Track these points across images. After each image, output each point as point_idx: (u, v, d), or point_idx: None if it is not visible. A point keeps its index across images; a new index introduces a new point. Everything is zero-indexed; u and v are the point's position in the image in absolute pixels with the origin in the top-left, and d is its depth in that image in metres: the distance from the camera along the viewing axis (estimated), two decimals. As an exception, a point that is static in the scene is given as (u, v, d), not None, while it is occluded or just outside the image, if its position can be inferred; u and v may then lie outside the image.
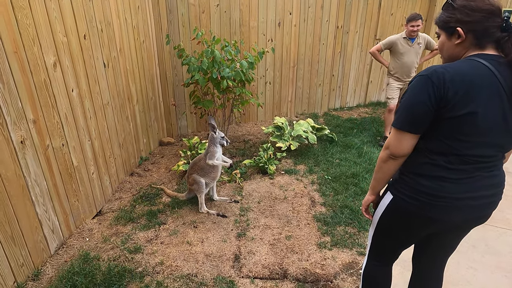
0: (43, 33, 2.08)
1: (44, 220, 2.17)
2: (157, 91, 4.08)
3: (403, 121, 1.22)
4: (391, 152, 1.26)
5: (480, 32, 1.19)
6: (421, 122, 1.19)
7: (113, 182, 3.11)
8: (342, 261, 2.33)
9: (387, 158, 1.29)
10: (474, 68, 1.15)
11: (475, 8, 1.17)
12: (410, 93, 1.20)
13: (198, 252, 2.36)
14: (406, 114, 1.21)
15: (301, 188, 3.25)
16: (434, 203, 1.24)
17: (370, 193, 1.46)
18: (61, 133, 2.31)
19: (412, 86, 1.20)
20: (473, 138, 1.17)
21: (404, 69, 4.07)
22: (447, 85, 1.12)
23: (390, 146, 1.26)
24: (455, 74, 1.13)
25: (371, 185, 1.44)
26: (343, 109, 5.96)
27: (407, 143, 1.23)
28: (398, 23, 5.82)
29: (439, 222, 1.30)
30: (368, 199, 1.48)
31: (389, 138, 1.27)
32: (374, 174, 1.40)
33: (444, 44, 1.29)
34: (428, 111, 1.16)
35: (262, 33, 4.62)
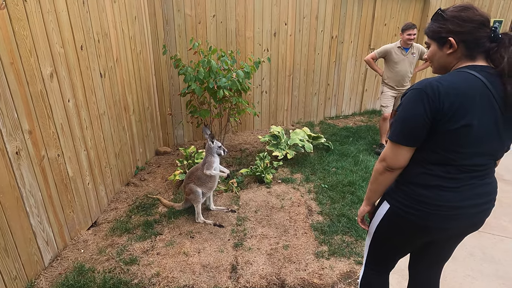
0: (40, 44, 2.09)
1: (38, 232, 2.14)
2: (153, 100, 4.09)
3: (399, 135, 1.22)
4: (388, 164, 1.27)
5: (471, 42, 1.20)
6: (417, 135, 1.20)
7: (109, 192, 3.09)
8: (340, 271, 2.31)
9: (384, 170, 1.29)
10: (467, 80, 1.16)
11: (466, 19, 1.19)
12: (405, 106, 1.21)
13: (194, 263, 2.34)
14: (402, 128, 1.22)
15: (298, 197, 3.25)
16: (432, 212, 1.25)
17: (365, 203, 1.46)
18: (57, 144, 2.30)
19: (406, 99, 1.21)
20: (469, 149, 1.19)
21: (398, 78, 4.13)
22: (442, 98, 1.13)
23: (386, 159, 1.27)
24: (449, 87, 1.14)
25: (366, 196, 1.44)
26: (339, 117, 6.00)
27: (404, 156, 1.24)
28: (392, 33, 5.92)
29: (436, 231, 1.31)
30: (363, 210, 1.48)
31: (385, 151, 1.28)
32: (369, 185, 1.40)
33: (435, 54, 1.30)
34: (424, 124, 1.17)
35: (258, 43, 4.67)
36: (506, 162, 4.16)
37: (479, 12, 1.20)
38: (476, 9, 1.21)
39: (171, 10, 3.96)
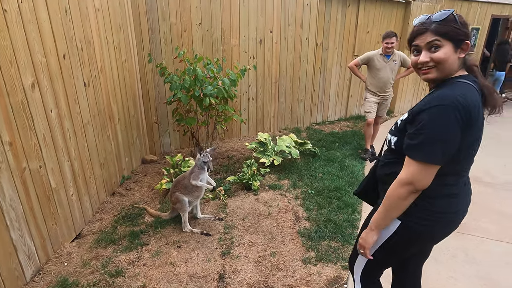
0: (21, 54, 2.06)
1: (19, 246, 2.08)
2: (139, 109, 4.06)
3: (436, 155, 1.17)
4: (417, 187, 1.20)
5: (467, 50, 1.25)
6: (451, 153, 1.18)
7: (94, 203, 3.04)
8: (327, 276, 2.33)
9: (409, 194, 1.22)
10: (474, 93, 1.19)
11: (468, 26, 1.25)
12: (438, 125, 1.15)
13: (181, 273, 2.32)
14: (439, 148, 1.16)
15: (285, 203, 3.27)
16: (446, 220, 1.32)
17: (376, 232, 1.35)
18: (39, 155, 2.25)
19: (436, 118, 1.15)
20: (472, 158, 1.28)
21: (380, 85, 4.23)
22: (469, 113, 1.14)
23: (414, 182, 1.19)
24: (469, 100, 1.15)
25: (378, 224, 1.34)
26: (325, 123, 6.08)
27: (433, 174, 1.21)
28: (375, 40, 6.07)
29: (441, 238, 1.37)
30: (374, 239, 1.36)
31: (412, 174, 1.20)
32: (385, 212, 1.30)
33: (450, 56, 1.22)
34: (459, 140, 1.16)
35: (244, 51, 4.71)
36: (484, 166, 4.31)
37: None
38: None
39: (156, 18, 3.96)
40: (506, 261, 2.53)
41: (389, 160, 1.40)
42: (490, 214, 3.18)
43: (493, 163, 4.32)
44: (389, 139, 1.38)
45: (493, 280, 2.34)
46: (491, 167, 4.22)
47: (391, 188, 1.27)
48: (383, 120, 5.98)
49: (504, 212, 3.23)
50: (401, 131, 1.30)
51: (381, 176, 1.46)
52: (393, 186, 1.26)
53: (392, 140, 1.35)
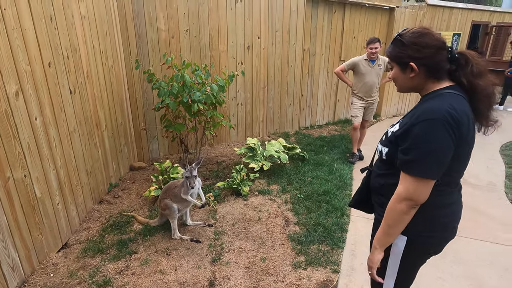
0: (5, 62, 2.02)
1: (3, 257, 2.03)
2: (126, 115, 4.03)
3: (431, 170, 1.18)
4: (415, 202, 1.21)
5: (431, 66, 1.25)
6: (446, 165, 1.19)
7: (81, 211, 2.99)
8: (317, 280, 2.35)
9: (409, 208, 1.22)
10: (463, 103, 1.20)
11: (424, 45, 1.23)
12: (429, 140, 1.16)
13: (171, 281, 2.30)
14: (432, 162, 1.17)
15: (275, 208, 3.28)
16: (447, 228, 1.34)
17: (379, 251, 1.34)
18: (23, 164, 2.21)
19: (426, 132, 1.16)
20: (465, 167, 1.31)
21: (366, 89, 4.31)
22: (460, 124, 1.15)
23: (413, 197, 1.20)
24: (460, 111, 1.16)
25: (381, 243, 1.33)
26: (313, 127, 6.14)
27: (430, 188, 1.21)
28: (360, 45, 6.19)
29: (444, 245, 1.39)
30: (378, 258, 1.35)
31: (409, 189, 1.20)
32: (388, 229, 1.29)
33: (398, 77, 1.33)
34: (451, 153, 1.18)
35: (232, 57, 4.74)
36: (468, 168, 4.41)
37: (435, 37, 1.25)
38: (432, 34, 1.25)
39: (143, 24, 3.95)
40: (491, 261, 2.60)
41: (381, 171, 1.40)
42: (476, 215, 3.26)
43: (476, 164, 4.44)
44: (380, 149, 1.38)
45: (478, 280, 2.40)
46: (474, 168, 4.33)
47: (390, 204, 1.26)
48: (369, 124, 6.08)
49: (488, 213, 3.32)
50: (392, 142, 1.30)
51: (374, 187, 1.46)
52: (392, 201, 1.26)
53: (383, 151, 1.35)
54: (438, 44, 1.24)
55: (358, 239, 2.85)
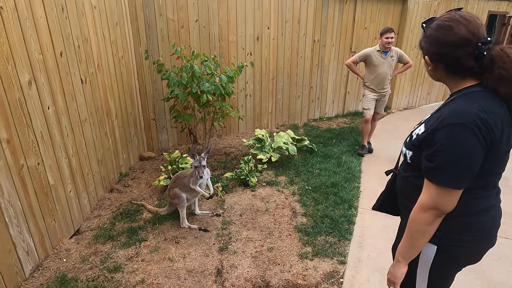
0: (18, 51, 2.06)
1: (18, 242, 2.10)
2: (136, 105, 4.06)
3: (458, 179, 1.08)
4: (442, 211, 1.12)
5: (449, 63, 1.14)
6: (475, 173, 1.09)
7: (92, 199, 3.05)
8: (324, 271, 2.37)
9: (434, 218, 1.13)
10: (494, 102, 1.09)
11: (441, 41, 1.12)
12: (455, 147, 1.05)
13: (180, 268, 2.35)
14: (458, 171, 1.07)
15: (282, 199, 3.30)
16: (482, 236, 1.22)
17: (403, 264, 1.24)
18: (37, 152, 2.26)
19: (452, 138, 1.05)
20: (502, 169, 1.19)
21: (378, 81, 4.24)
22: (492, 127, 1.04)
23: (438, 206, 1.11)
24: (491, 114, 1.05)
25: (404, 255, 1.23)
26: (322, 119, 6.10)
27: (458, 196, 1.12)
28: (372, 36, 6.07)
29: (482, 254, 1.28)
30: (402, 272, 1.25)
31: (435, 198, 1.11)
32: (410, 241, 1.20)
33: (424, 66, 1.25)
34: (481, 160, 1.07)
35: (241, 47, 4.71)
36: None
37: (459, 31, 1.08)
38: (456, 28, 1.09)
39: (153, 14, 3.95)
40: (499, 256, 2.57)
41: (407, 174, 1.32)
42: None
43: None
44: (404, 152, 1.29)
45: (485, 274, 2.38)
46: None
47: (413, 213, 1.18)
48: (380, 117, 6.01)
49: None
50: (416, 146, 1.21)
51: (399, 190, 1.39)
52: (415, 211, 1.17)
53: (408, 154, 1.26)
54: (459, 40, 1.09)
55: (366, 232, 2.85)
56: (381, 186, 1.45)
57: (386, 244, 2.66)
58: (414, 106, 7.17)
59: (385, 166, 4.18)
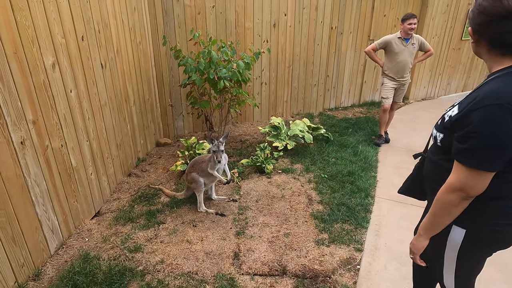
0: (42, 34, 2.09)
1: (44, 221, 2.17)
2: (153, 92, 4.10)
3: (491, 161, 1.05)
4: (470, 194, 1.10)
5: (491, 37, 1.09)
6: (509, 155, 1.05)
7: (111, 182, 3.12)
8: (340, 257, 2.37)
9: (460, 200, 1.12)
10: None
11: (484, 10, 1.07)
12: (490, 128, 1.02)
13: (198, 250, 2.39)
14: (491, 154, 1.04)
15: (298, 186, 3.29)
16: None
17: (425, 238, 1.27)
18: (60, 134, 2.31)
19: (487, 119, 1.02)
20: None
21: (398, 69, 4.14)
22: None
23: (466, 188, 1.09)
24: None
25: (427, 231, 1.25)
26: (338, 109, 6.02)
27: (489, 180, 1.09)
28: (391, 24, 5.91)
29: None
30: (423, 245, 1.29)
31: (463, 180, 1.09)
32: (434, 219, 1.21)
33: (471, 41, 1.18)
34: None
35: (258, 34, 4.66)
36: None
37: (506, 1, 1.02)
38: None
39: (170, 0, 3.94)
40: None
41: (435, 158, 1.29)
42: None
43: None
44: (435, 135, 1.26)
45: (507, 266, 2.33)
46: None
47: (439, 193, 1.16)
48: (398, 106, 5.89)
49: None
50: (447, 128, 1.18)
51: (428, 174, 1.37)
52: (442, 191, 1.16)
53: (438, 137, 1.23)
54: (506, 12, 1.02)
55: (383, 220, 2.83)
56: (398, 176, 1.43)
57: (404, 233, 2.65)
58: (433, 97, 6.99)
59: (402, 156, 4.11)
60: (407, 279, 2.19)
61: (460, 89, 7.35)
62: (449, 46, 6.54)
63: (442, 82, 6.98)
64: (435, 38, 6.24)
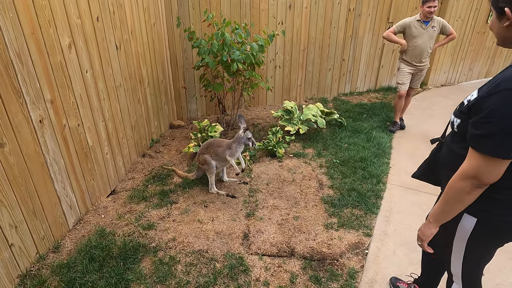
0: (58, 14, 2.12)
1: (62, 197, 2.27)
2: (167, 74, 4.12)
3: (504, 148, 1.01)
4: (483, 182, 1.07)
5: None
6: None
7: (126, 162, 3.21)
8: (348, 241, 2.39)
9: (473, 188, 1.09)
10: None
11: None
12: (507, 113, 0.99)
13: (208, 230, 2.45)
14: (507, 140, 1.00)
15: (309, 171, 3.30)
16: None
17: (435, 225, 1.26)
18: (77, 114, 2.38)
19: (504, 104, 0.99)
20: None
21: (417, 53, 3.99)
22: None
23: (479, 176, 1.07)
24: None
25: (437, 217, 1.24)
26: (353, 94, 5.91)
27: (504, 168, 1.06)
28: (412, 6, 5.67)
29: None
30: (432, 232, 1.28)
31: (477, 167, 1.07)
32: (445, 205, 1.20)
33: (494, 25, 1.14)
34: None
35: (273, 16, 4.57)
36: None
37: None
38: None
39: (184, -20, 3.89)
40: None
41: (452, 144, 1.27)
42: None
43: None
44: (452, 120, 1.24)
45: (519, 255, 2.30)
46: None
47: (452, 180, 1.14)
48: (415, 92, 5.74)
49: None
50: (464, 113, 1.15)
51: (443, 160, 1.35)
52: (454, 178, 1.13)
53: (455, 122, 1.21)
54: None
55: (393, 207, 2.82)
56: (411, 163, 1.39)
57: (415, 219, 2.63)
58: (453, 83, 6.75)
59: (417, 143, 4.03)
60: (415, 265, 2.20)
61: (483, 75, 7.07)
62: (473, 30, 6.25)
63: (464, 68, 6.71)
64: (458, 21, 5.96)
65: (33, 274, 1.99)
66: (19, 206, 1.90)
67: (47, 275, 1.99)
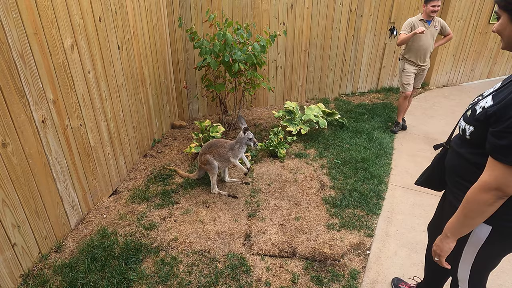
0: (61, 15, 2.12)
1: (64, 197, 2.28)
2: (169, 74, 4.12)
3: None
4: (507, 193, 1.04)
5: None
6: None
7: (128, 162, 3.21)
8: (350, 242, 2.39)
9: (496, 199, 1.06)
10: None
11: None
12: None
13: (210, 230, 2.45)
14: None
15: (311, 171, 3.30)
16: None
17: (452, 239, 1.21)
18: (79, 114, 2.38)
19: None
20: None
21: (420, 53, 3.99)
22: None
23: (502, 187, 1.03)
24: None
25: (454, 232, 1.19)
26: (354, 94, 5.90)
27: None
28: (414, 6, 5.66)
29: None
30: (450, 247, 1.22)
31: (499, 179, 1.03)
32: (463, 220, 1.15)
33: (505, 28, 1.09)
34: None
35: (274, 16, 4.57)
36: None
37: None
38: None
39: (186, -19, 3.90)
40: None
41: (461, 150, 1.24)
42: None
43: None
44: (463, 127, 1.20)
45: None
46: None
47: (471, 193, 1.09)
48: (416, 93, 5.73)
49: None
50: (480, 121, 1.11)
51: (451, 166, 1.31)
52: (474, 190, 1.09)
53: (467, 130, 1.17)
54: None
55: (395, 207, 2.81)
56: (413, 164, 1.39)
57: (417, 221, 2.63)
58: (455, 83, 6.74)
59: (418, 144, 4.03)
60: (417, 266, 2.20)
61: (485, 76, 7.05)
62: (475, 30, 6.23)
63: (465, 68, 6.70)
64: (460, 22, 5.95)
65: (36, 273, 2.00)
66: (21, 206, 1.91)
67: (49, 274, 2.00)
